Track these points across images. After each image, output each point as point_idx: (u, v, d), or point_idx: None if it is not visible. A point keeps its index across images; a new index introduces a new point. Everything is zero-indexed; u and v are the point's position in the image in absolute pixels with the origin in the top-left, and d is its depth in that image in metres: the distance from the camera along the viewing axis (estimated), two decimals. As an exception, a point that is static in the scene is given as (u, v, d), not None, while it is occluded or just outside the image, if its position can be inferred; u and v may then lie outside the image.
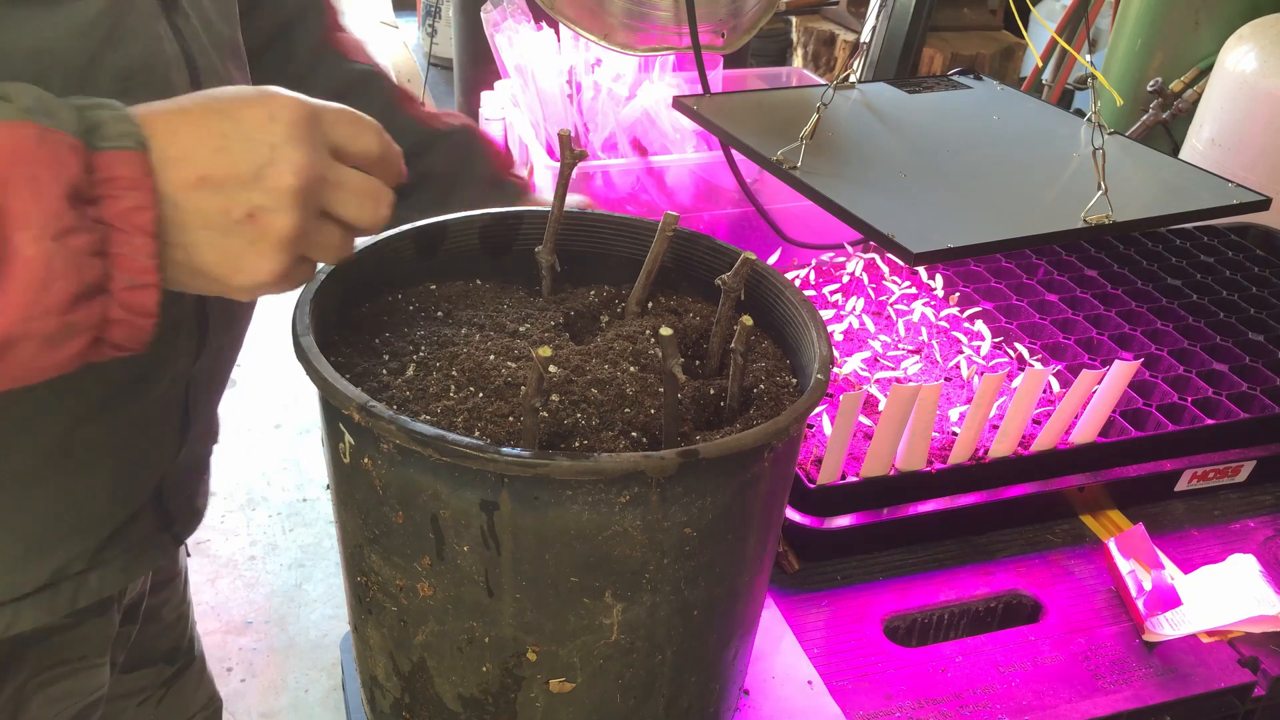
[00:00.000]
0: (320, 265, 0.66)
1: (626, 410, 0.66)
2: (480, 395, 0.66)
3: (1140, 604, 0.93)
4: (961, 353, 1.16)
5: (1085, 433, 1.03)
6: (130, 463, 0.78)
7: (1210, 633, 0.93)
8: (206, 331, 0.78)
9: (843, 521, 0.97)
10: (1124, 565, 0.96)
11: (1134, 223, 1.00)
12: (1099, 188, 0.96)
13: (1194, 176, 1.10)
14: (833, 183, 1.01)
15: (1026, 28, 2.84)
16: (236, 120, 0.56)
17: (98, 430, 0.73)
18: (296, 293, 0.68)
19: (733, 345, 0.66)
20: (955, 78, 1.38)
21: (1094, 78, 1.05)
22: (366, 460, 0.61)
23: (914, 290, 1.28)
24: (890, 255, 0.95)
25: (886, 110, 1.24)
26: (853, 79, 1.33)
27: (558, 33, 1.41)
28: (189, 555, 0.99)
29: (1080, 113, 1.28)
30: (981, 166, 1.10)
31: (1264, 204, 1.06)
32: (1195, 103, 1.83)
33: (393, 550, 0.63)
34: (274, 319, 0.99)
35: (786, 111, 1.16)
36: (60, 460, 0.72)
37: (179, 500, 0.85)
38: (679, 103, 1.20)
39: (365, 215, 0.61)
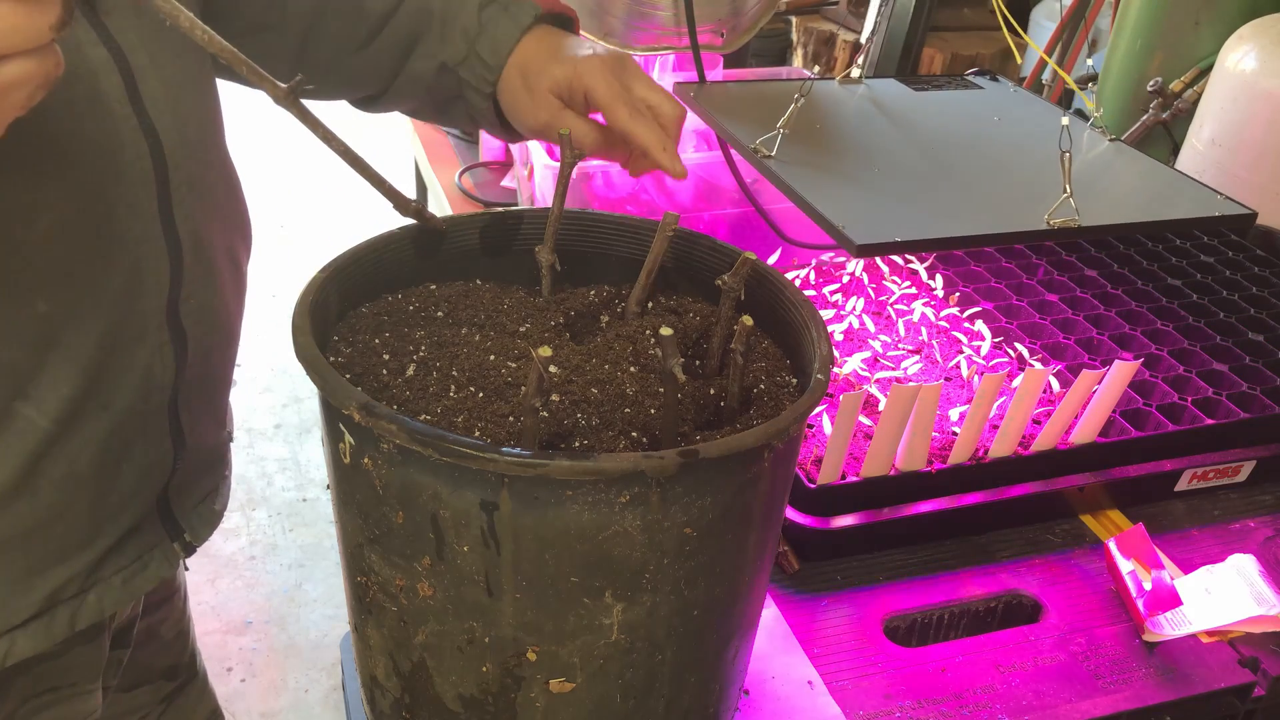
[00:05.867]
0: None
1: (626, 410, 0.66)
2: (480, 395, 0.66)
3: (1140, 604, 0.93)
4: (961, 353, 1.16)
5: (1085, 433, 1.03)
6: (114, 482, 0.74)
7: (1210, 633, 0.93)
8: (185, 341, 0.75)
9: (843, 521, 0.97)
10: (1124, 565, 0.96)
11: (1102, 228, 1.00)
12: (1064, 191, 0.96)
13: (1183, 186, 1.09)
14: (800, 172, 1.01)
15: (1027, 29, 2.85)
16: None
17: (58, 463, 0.69)
18: (297, 293, 0.68)
19: (733, 345, 0.66)
20: (970, 78, 1.38)
21: (1085, 82, 1.05)
22: (366, 460, 0.61)
23: (914, 290, 1.28)
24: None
25: (889, 106, 1.24)
26: (857, 74, 1.33)
27: (558, 33, 1.40)
28: (188, 569, 0.97)
29: (1082, 114, 1.28)
30: (962, 164, 1.10)
31: (1249, 219, 1.05)
32: (1195, 103, 1.82)
33: (393, 550, 0.63)
34: (274, 318, 0.99)
35: (782, 103, 1.15)
36: (25, 498, 0.69)
37: (189, 505, 0.83)
38: (679, 89, 1.20)
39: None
